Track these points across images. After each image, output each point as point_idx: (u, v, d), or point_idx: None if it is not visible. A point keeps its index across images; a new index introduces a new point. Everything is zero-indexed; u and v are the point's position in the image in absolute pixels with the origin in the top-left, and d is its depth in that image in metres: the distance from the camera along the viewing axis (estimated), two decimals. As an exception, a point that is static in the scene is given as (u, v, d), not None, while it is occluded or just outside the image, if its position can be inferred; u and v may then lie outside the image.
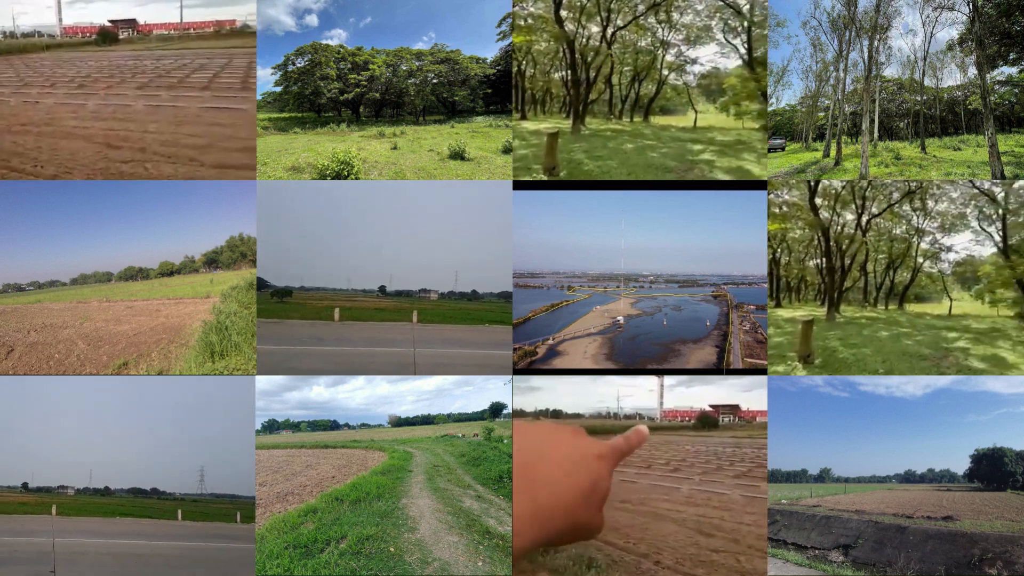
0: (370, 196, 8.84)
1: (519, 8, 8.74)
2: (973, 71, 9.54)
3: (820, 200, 9.10)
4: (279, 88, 11.82)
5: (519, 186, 7.84)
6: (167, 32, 10.70)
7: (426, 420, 10.53)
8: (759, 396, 7.76)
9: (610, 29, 9.67)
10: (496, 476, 10.42)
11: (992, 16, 8.92)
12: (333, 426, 10.96)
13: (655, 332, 9.21)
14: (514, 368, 7.74)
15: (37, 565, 7.77)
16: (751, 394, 7.95)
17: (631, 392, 8.42)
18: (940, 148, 10.45)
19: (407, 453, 13.26)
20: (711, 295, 10.58)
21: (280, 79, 11.75)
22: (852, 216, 9.43)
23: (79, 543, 8.83)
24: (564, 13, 9.20)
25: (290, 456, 13.17)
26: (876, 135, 10.34)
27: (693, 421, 9.82)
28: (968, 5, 8.93)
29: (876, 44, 9.61)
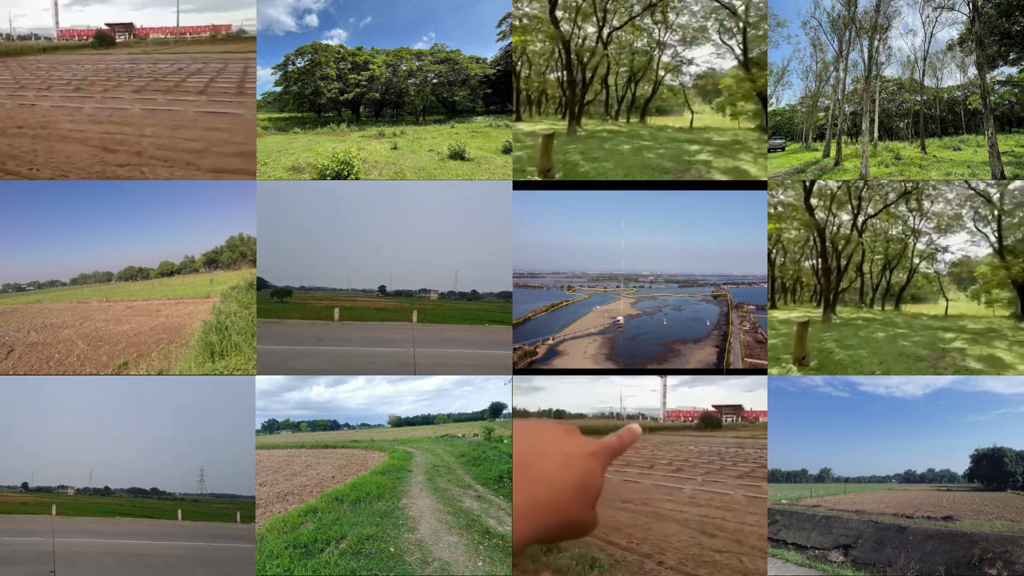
0: (370, 196, 8.84)
1: (515, 8, 8.74)
2: (973, 71, 9.54)
3: (816, 200, 9.10)
4: (279, 88, 11.83)
5: (519, 186, 7.84)
6: (164, 36, 10.70)
7: (426, 420, 10.53)
8: (759, 396, 7.76)
9: (606, 29, 9.67)
10: (496, 476, 10.42)
11: (992, 16, 8.92)
12: (333, 426, 10.96)
13: (655, 332, 9.21)
14: (514, 368, 7.74)
15: (37, 565, 7.77)
16: (751, 394, 7.96)
17: (634, 392, 8.42)
18: (940, 148, 10.45)
19: (407, 453, 13.26)
20: (711, 295, 10.58)
21: (280, 79, 11.75)
22: (848, 216, 9.43)
23: (79, 543, 8.83)
24: (560, 13, 9.19)
25: (290, 456, 13.17)
26: (876, 135, 10.34)
27: (696, 421, 9.82)
28: (968, 5, 8.93)
29: (876, 44, 9.61)
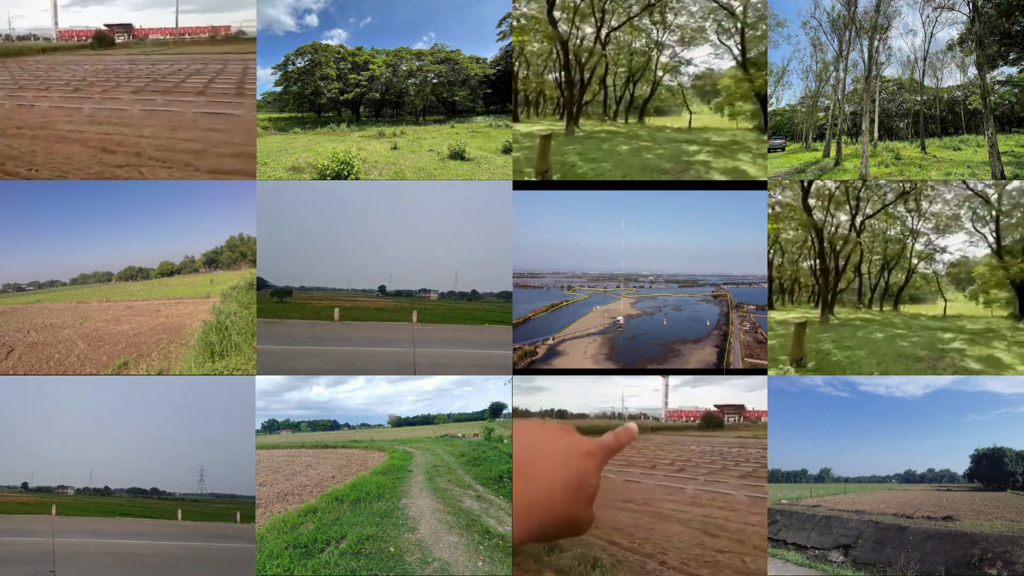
0: (370, 196, 8.84)
1: (513, 8, 8.74)
2: (973, 71, 9.54)
3: (814, 201, 9.10)
4: (279, 88, 11.83)
5: (519, 186, 7.84)
6: (163, 37, 10.70)
7: (426, 420, 10.53)
8: (759, 396, 7.76)
9: (604, 30, 9.66)
10: (496, 476, 10.42)
11: (992, 16, 8.92)
12: (333, 426, 10.96)
13: (655, 332, 9.21)
14: (514, 368, 7.74)
15: (37, 565, 7.77)
16: (751, 394, 7.96)
17: (636, 392, 8.42)
18: (940, 148, 10.45)
19: (407, 453, 13.25)
20: (711, 295, 10.58)
21: (280, 79, 11.76)
22: (846, 217, 9.43)
23: (79, 543, 8.83)
24: (557, 14, 9.19)
25: (290, 456, 13.17)
26: (876, 135, 10.34)
27: (698, 421, 9.82)
28: (968, 5, 8.93)
29: (876, 44, 9.61)
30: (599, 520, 1.80)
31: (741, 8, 9.13)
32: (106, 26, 10.93)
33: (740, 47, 9.32)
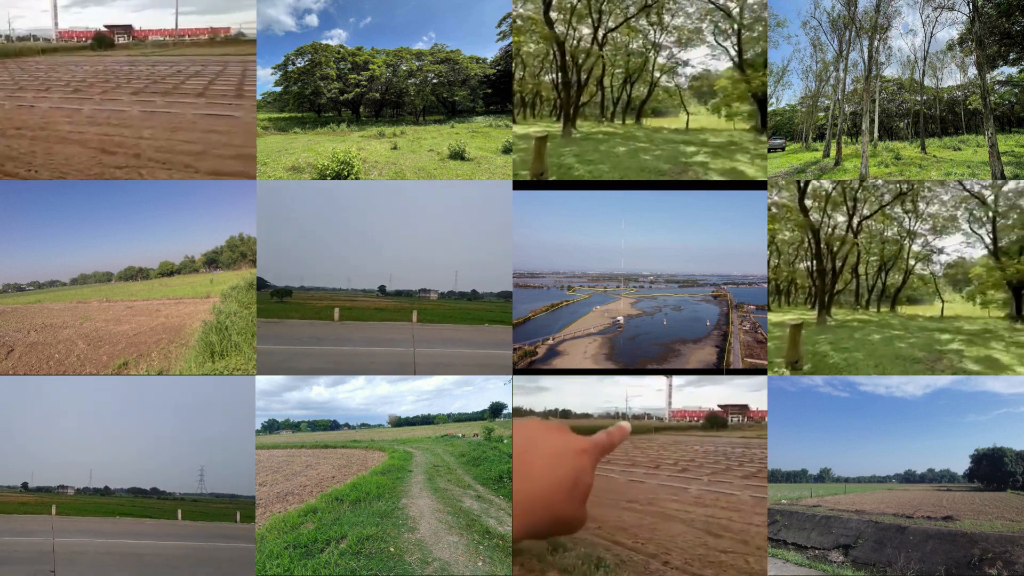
0: (370, 196, 8.84)
1: (513, 8, 8.73)
2: (973, 71, 9.54)
3: (810, 202, 9.09)
4: (279, 88, 11.83)
5: (519, 186, 7.84)
6: (162, 38, 10.70)
7: (426, 420, 10.52)
8: (759, 396, 7.76)
9: (601, 31, 9.66)
10: (496, 476, 10.42)
11: (992, 16, 8.92)
12: (333, 426, 10.96)
13: (655, 332, 9.21)
14: (514, 368, 7.74)
15: (37, 565, 7.77)
16: (751, 394, 7.96)
17: (639, 392, 8.42)
18: (940, 148, 10.45)
19: (407, 453, 13.25)
20: (711, 295, 10.57)
21: (280, 79, 11.76)
22: (843, 218, 9.43)
23: (79, 543, 8.83)
24: (554, 15, 9.18)
25: (290, 456, 13.16)
26: (876, 135, 10.34)
27: (701, 421, 9.81)
28: (968, 5, 8.94)
29: (876, 44, 9.62)
30: (603, 520, 1.80)
31: (738, 9, 9.14)
32: (106, 27, 10.93)
33: (737, 48, 9.33)
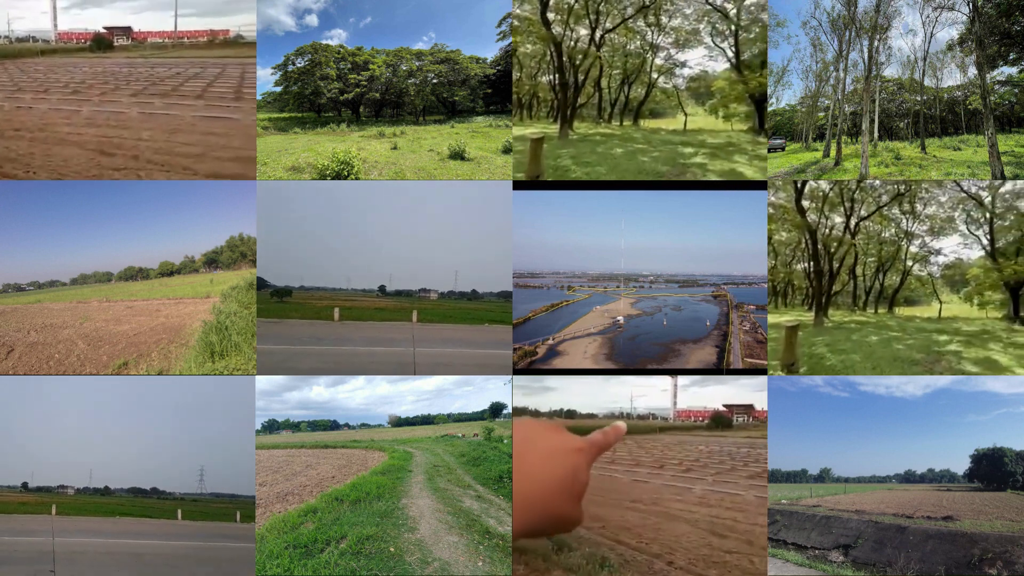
0: (370, 196, 8.84)
1: (513, 8, 8.73)
2: (973, 71, 9.54)
3: (807, 202, 9.09)
4: (279, 88, 11.83)
5: (519, 186, 7.84)
6: (161, 40, 10.71)
7: (426, 420, 10.53)
8: (759, 396, 7.76)
9: (598, 32, 9.65)
10: (496, 476, 10.42)
11: (992, 16, 8.93)
12: (333, 426, 10.96)
13: (655, 332, 9.21)
14: (514, 368, 7.74)
15: (37, 565, 7.77)
16: (751, 394, 7.96)
17: (644, 392, 8.42)
18: (940, 148, 10.45)
19: (407, 453, 13.26)
20: (711, 295, 10.57)
21: (280, 79, 11.76)
22: (840, 219, 9.43)
23: (79, 543, 8.83)
24: (551, 15, 9.18)
25: (290, 456, 13.17)
26: (876, 135, 10.34)
27: (706, 421, 9.81)
28: (968, 5, 8.94)
29: (876, 44, 9.62)
30: (607, 519, 1.81)
31: (735, 10, 9.15)
32: (105, 29, 10.93)
33: (734, 49, 9.33)
